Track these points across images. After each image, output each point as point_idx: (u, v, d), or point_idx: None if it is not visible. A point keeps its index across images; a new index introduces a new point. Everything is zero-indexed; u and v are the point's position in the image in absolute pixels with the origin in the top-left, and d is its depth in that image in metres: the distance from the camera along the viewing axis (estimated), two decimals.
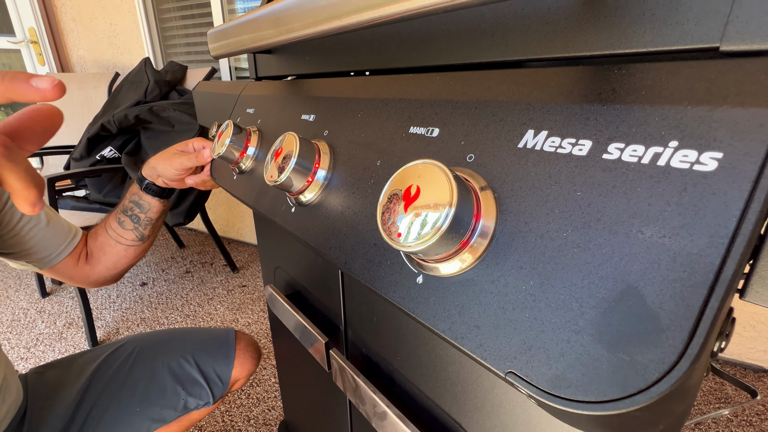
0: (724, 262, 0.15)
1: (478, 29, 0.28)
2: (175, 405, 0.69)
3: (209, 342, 0.76)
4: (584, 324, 0.18)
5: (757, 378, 1.28)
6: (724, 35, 0.18)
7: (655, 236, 0.17)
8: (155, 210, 0.71)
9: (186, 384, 0.71)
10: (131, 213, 0.70)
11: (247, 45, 0.43)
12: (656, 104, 0.18)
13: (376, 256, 0.30)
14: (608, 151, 0.19)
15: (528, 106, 0.23)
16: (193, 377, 0.71)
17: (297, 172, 0.36)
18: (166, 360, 0.71)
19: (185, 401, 0.70)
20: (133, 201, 0.71)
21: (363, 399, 0.43)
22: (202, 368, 0.72)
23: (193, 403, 0.71)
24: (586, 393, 0.17)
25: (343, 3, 0.26)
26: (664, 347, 0.15)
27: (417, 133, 0.30)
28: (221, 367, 0.74)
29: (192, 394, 0.71)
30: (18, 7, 2.37)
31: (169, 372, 0.70)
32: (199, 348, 0.74)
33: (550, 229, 0.20)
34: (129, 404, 0.66)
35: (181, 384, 0.70)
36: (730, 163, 0.16)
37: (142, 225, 0.71)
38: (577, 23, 0.23)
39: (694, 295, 0.15)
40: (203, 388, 0.71)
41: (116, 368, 0.69)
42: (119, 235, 0.70)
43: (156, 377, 0.69)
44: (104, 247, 0.71)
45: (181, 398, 0.70)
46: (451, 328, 0.23)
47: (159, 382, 0.69)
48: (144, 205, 0.70)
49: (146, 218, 0.71)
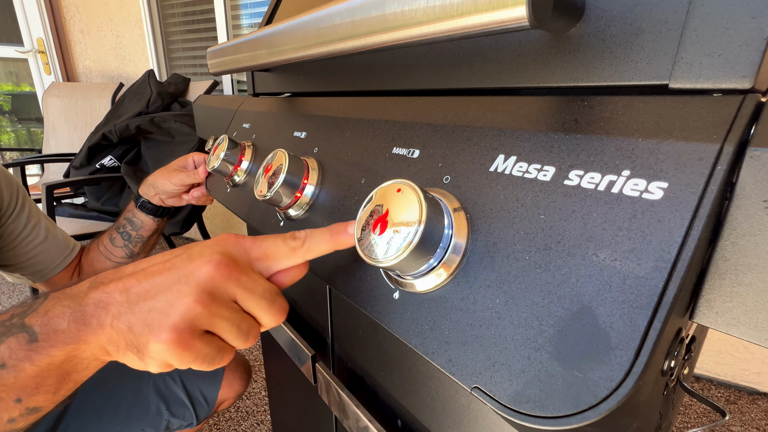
0: (667, 286, 0.16)
1: (457, 58, 0.30)
2: (157, 425, 0.68)
3: None
4: (543, 341, 0.19)
5: (752, 401, 1.27)
6: (672, 74, 0.19)
7: (607, 259, 0.18)
8: (148, 228, 0.71)
9: (170, 404, 0.69)
10: (123, 230, 0.71)
11: (243, 64, 0.45)
12: (612, 135, 0.20)
13: (357, 271, 0.30)
14: (569, 178, 0.20)
15: (500, 132, 0.25)
16: (178, 397, 0.70)
17: (286, 187, 0.37)
18: (152, 378, 0.70)
19: (168, 421, 0.69)
20: (127, 218, 0.71)
21: (347, 413, 0.43)
22: (188, 388, 0.71)
23: (176, 424, 0.70)
24: (543, 408, 0.18)
25: (330, 31, 0.28)
26: (613, 365, 0.16)
27: (399, 154, 0.31)
28: (208, 388, 0.73)
29: (175, 414, 0.69)
30: (27, 17, 2.43)
31: (155, 390, 0.69)
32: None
33: (516, 250, 0.21)
34: (111, 422, 0.65)
35: (165, 403, 0.69)
36: (674, 193, 0.17)
37: (132, 242, 0.71)
38: (546, 57, 0.24)
39: (640, 315, 0.16)
40: (187, 409, 0.70)
41: (101, 383, 0.67)
42: (109, 251, 0.71)
43: (140, 395, 0.68)
44: (93, 263, 0.71)
45: (164, 418, 0.68)
46: (423, 343, 0.24)
47: (143, 401, 0.68)
48: (137, 222, 0.71)
49: (137, 236, 0.71)
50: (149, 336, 0.23)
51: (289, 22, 0.33)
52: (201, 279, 0.23)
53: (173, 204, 0.70)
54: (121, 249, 0.71)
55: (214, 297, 0.23)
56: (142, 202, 0.70)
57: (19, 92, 2.78)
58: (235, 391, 0.76)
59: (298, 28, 0.32)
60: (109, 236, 0.71)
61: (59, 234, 0.69)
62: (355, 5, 0.25)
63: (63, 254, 0.68)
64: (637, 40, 0.20)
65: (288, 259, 0.27)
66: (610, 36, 0.21)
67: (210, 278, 0.23)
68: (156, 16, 2.20)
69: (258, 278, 0.25)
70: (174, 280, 0.23)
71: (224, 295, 0.24)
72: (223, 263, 0.24)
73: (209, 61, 0.56)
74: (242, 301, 0.25)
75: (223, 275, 0.24)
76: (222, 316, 0.24)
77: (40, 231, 0.65)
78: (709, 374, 1.36)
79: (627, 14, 0.20)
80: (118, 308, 0.23)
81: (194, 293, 0.23)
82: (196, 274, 0.23)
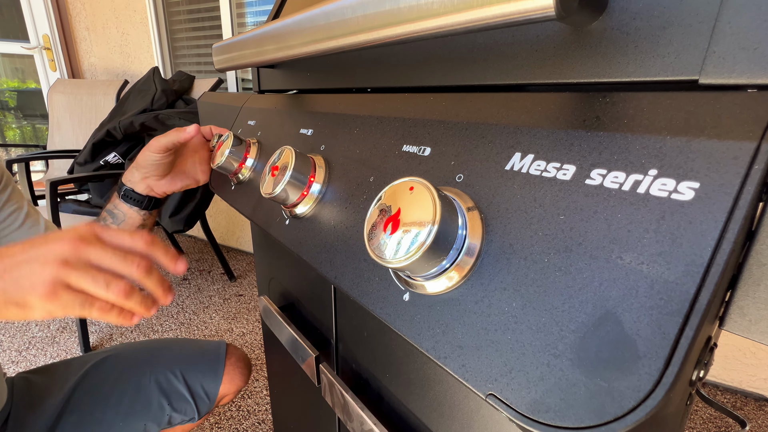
0: (699, 291, 0.15)
1: (471, 53, 0.29)
2: (159, 420, 0.68)
3: (199, 356, 0.75)
4: (564, 348, 0.18)
5: (758, 407, 1.25)
6: (702, 68, 0.18)
7: (633, 263, 0.17)
8: (131, 223, 0.60)
9: (172, 399, 0.69)
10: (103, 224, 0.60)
11: (248, 60, 0.44)
12: (637, 133, 0.19)
13: (366, 271, 0.30)
14: (591, 177, 0.20)
15: (516, 129, 0.24)
16: (180, 392, 0.70)
17: (292, 185, 0.37)
18: (153, 373, 0.70)
19: (170, 416, 0.69)
20: (108, 210, 0.61)
21: (351, 416, 0.43)
22: (190, 384, 0.71)
23: (178, 419, 0.70)
24: (564, 418, 0.17)
25: (342, 25, 0.27)
26: (641, 375, 0.15)
27: (409, 152, 0.30)
28: (209, 383, 0.72)
29: (177, 409, 0.69)
30: (34, 14, 2.44)
31: (156, 386, 0.69)
32: (187, 362, 0.73)
33: (534, 252, 0.20)
34: (113, 416, 0.65)
35: (167, 398, 0.69)
36: (706, 194, 0.16)
37: None
38: (564, 51, 0.23)
39: (670, 323, 0.15)
40: (189, 404, 0.70)
41: (102, 378, 0.67)
42: None
43: (142, 390, 0.68)
44: None
45: (165, 413, 0.68)
46: (435, 347, 0.23)
47: (145, 396, 0.68)
48: (118, 215, 0.60)
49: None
50: (25, 293, 0.33)
51: (299, 15, 0.32)
52: (57, 250, 0.34)
53: (165, 189, 0.60)
54: None
55: (68, 262, 0.34)
56: (125, 191, 0.59)
57: (25, 89, 2.79)
58: (236, 385, 0.76)
59: (309, 22, 0.32)
60: None
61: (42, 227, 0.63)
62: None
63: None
64: (665, 33, 0.19)
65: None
66: (635, 29, 0.20)
67: (63, 250, 0.34)
68: (161, 13, 2.20)
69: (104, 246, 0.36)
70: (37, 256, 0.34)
71: (78, 260, 0.34)
72: (75, 239, 0.35)
73: (215, 58, 0.55)
74: (97, 261, 0.35)
75: (73, 246, 0.34)
76: (78, 274, 0.34)
77: (18, 216, 0.60)
78: (716, 380, 1.34)
79: (654, 6, 0.19)
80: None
81: (52, 262, 0.34)
82: (53, 248, 0.34)
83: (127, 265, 0.36)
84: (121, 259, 0.35)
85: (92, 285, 0.34)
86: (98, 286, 0.34)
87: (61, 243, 0.34)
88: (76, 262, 0.34)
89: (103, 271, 0.35)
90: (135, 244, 0.37)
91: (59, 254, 0.34)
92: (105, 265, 0.35)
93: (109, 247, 0.36)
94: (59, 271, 0.34)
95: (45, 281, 0.33)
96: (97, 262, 0.35)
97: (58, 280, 0.34)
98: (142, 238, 0.38)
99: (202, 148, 0.63)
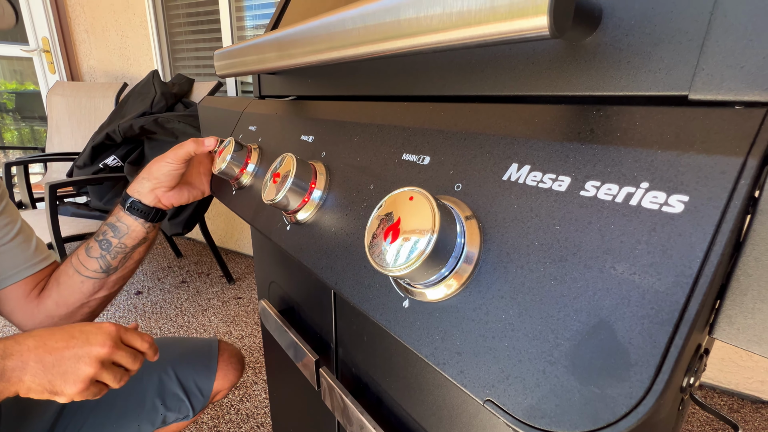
0: (689, 302, 0.15)
1: (469, 65, 0.30)
2: (154, 420, 0.68)
3: (191, 354, 0.75)
4: (559, 355, 0.18)
5: (755, 409, 1.26)
6: (692, 85, 0.19)
7: (626, 273, 0.18)
8: (134, 236, 0.60)
9: (166, 398, 0.69)
10: (102, 238, 0.60)
11: (251, 67, 0.45)
12: (630, 146, 0.19)
13: (366, 278, 0.30)
14: (585, 189, 0.20)
15: (513, 140, 0.24)
16: (174, 391, 0.70)
17: (293, 192, 0.37)
18: (146, 374, 0.69)
19: (164, 416, 0.69)
20: (109, 224, 0.60)
21: (351, 419, 0.43)
22: (183, 382, 0.71)
23: (172, 417, 0.70)
24: (559, 424, 0.17)
25: (343, 36, 0.28)
26: (632, 382, 0.16)
27: (409, 160, 0.31)
28: (202, 380, 0.72)
29: (171, 408, 0.69)
30: (33, 17, 2.44)
31: (149, 386, 0.69)
32: (180, 360, 0.73)
33: (530, 261, 0.21)
34: (106, 419, 0.65)
35: (161, 398, 0.69)
36: (695, 207, 0.17)
37: (111, 253, 0.60)
38: (560, 65, 0.24)
39: (660, 332, 0.16)
40: (183, 402, 0.70)
41: None
42: (81, 263, 0.60)
43: (134, 392, 0.68)
44: (60, 277, 0.60)
45: (159, 413, 0.68)
46: (434, 353, 0.24)
47: (138, 397, 0.68)
48: (121, 228, 0.59)
49: (119, 244, 0.60)
50: (65, 385, 0.43)
51: (301, 26, 0.33)
52: (97, 353, 0.45)
53: (172, 201, 0.60)
54: (96, 260, 0.60)
55: (104, 363, 0.46)
56: (131, 202, 0.58)
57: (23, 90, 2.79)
58: (229, 381, 0.76)
59: (310, 32, 0.32)
60: (86, 246, 0.61)
61: (33, 245, 0.61)
62: (369, 11, 0.25)
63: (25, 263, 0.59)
64: (656, 49, 0.20)
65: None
66: (628, 45, 0.21)
67: (101, 353, 0.45)
68: (161, 16, 2.21)
69: (126, 350, 0.49)
70: (80, 355, 0.44)
71: (110, 362, 0.47)
72: (111, 344, 0.46)
73: (216, 63, 0.55)
74: (118, 361, 0.48)
75: (110, 351, 0.46)
76: (107, 374, 0.46)
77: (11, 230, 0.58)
78: (712, 382, 1.35)
79: (646, 24, 0.20)
80: (35, 371, 0.42)
81: (93, 363, 0.45)
82: (93, 350, 0.45)
83: (135, 363, 0.49)
84: (133, 360, 0.49)
85: (113, 381, 0.47)
86: (115, 382, 0.47)
87: (100, 348, 0.45)
88: (108, 363, 0.46)
89: (120, 368, 0.48)
90: (143, 347, 0.51)
91: (98, 356, 0.45)
92: (122, 363, 0.48)
93: (128, 349, 0.49)
94: (97, 372, 0.45)
95: (84, 379, 0.44)
96: (118, 362, 0.48)
97: (92, 378, 0.44)
98: (147, 340, 0.51)
99: (206, 159, 0.64)
